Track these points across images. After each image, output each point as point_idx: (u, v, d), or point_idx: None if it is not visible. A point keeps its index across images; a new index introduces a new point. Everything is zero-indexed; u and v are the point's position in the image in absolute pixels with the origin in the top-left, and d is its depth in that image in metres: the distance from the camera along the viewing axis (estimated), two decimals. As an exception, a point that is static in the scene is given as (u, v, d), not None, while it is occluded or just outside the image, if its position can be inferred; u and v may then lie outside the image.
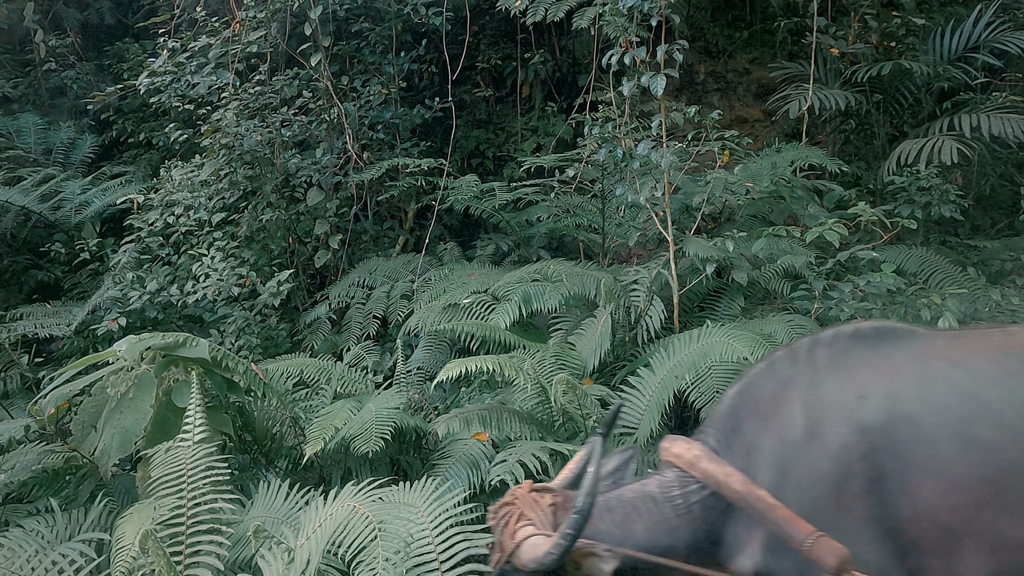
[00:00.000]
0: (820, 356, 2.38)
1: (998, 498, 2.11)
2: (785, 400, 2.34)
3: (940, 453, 2.15)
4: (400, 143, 6.88)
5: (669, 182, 4.72)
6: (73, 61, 8.60)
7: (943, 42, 6.29)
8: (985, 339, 2.37)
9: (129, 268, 5.89)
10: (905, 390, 2.24)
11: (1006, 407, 2.17)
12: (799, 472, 2.27)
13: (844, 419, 2.23)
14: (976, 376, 2.23)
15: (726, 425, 2.46)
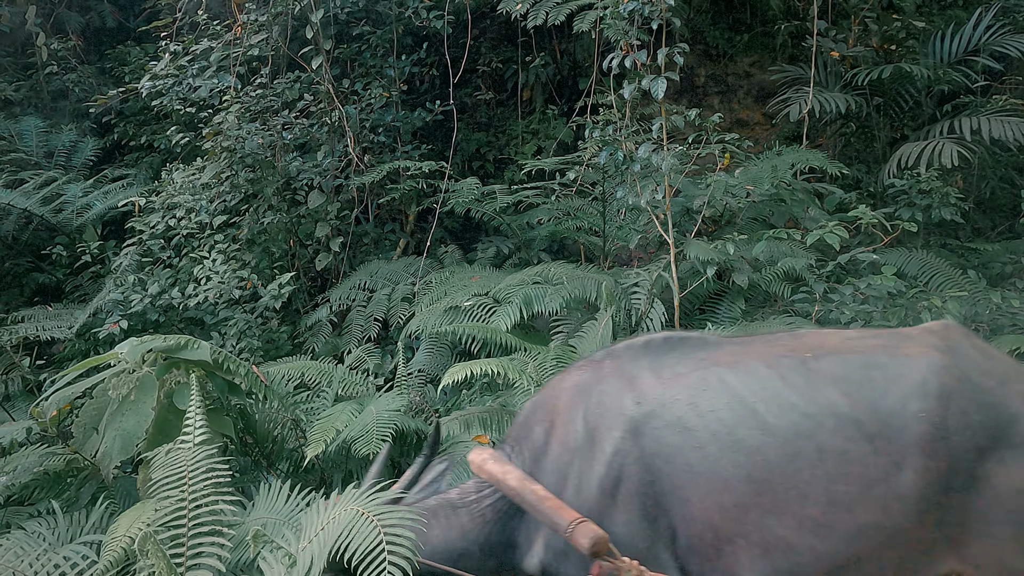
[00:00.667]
0: (608, 366, 2.50)
1: (762, 498, 2.19)
2: (571, 408, 2.46)
3: (708, 456, 2.24)
4: (401, 146, 6.89)
5: (670, 185, 4.72)
6: (75, 64, 8.62)
7: (943, 45, 6.31)
8: (770, 344, 2.47)
9: (130, 271, 5.90)
10: (680, 396, 2.34)
11: (769, 409, 2.26)
12: (578, 475, 2.37)
13: (620, 425, 2.34)
14: (747, 380, 2.33)
15: (520, 433, 2.60)
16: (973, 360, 2.31)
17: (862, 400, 2.22)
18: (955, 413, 2.18)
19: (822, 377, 2.28)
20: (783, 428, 2.22)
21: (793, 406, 2.24)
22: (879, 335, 2.46)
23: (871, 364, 2.28)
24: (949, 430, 2.17)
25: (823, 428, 2.20)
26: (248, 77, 6.61)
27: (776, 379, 2.31)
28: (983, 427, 2.20)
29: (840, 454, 2.17)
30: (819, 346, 2.39)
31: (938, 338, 2.36)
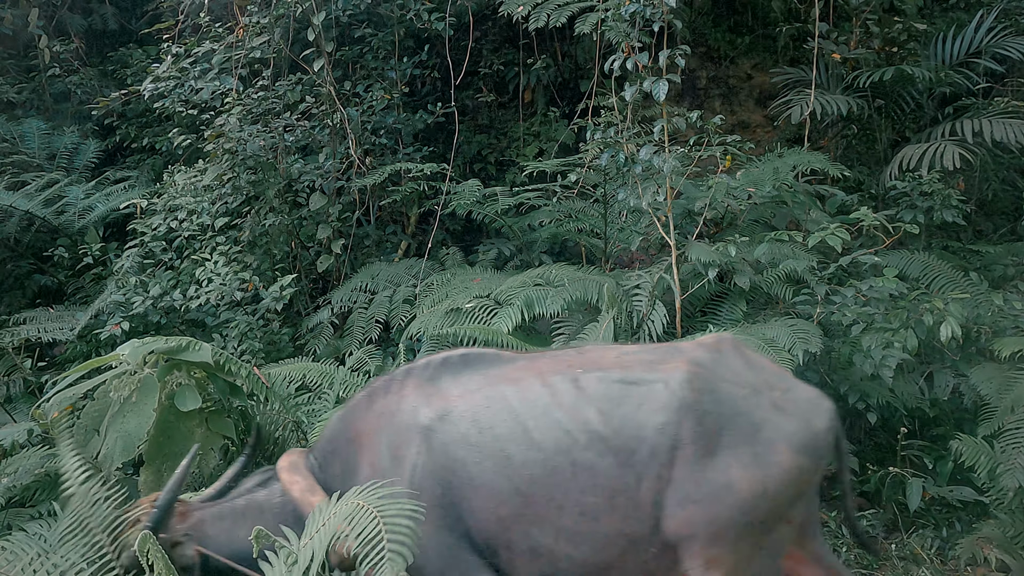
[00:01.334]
0: (409, 384, 2.64)
1: (528, 509, 2.37)
2: (377, 431, 2.61)
3: (486, 470, 2.42)
4: (403, 148, 6.90)
5: (671, 187, 4.72)
6: (77, 66, 8.64)
7: (945, 47, 6.30)
8: (555, 360, 2.62)
9: (132, 273, 5.90)
10: (466, 413, 2.51)
11: (537, 426, 2.43)
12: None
13: (416, 441, 2.50)
14: (523, 397, 2.50)
15: (327, 447, 2.75)
16: (732, 370, 2.47)
17: (615, 416, 2.39)
18: (691, 424, 2.33)
19: (586, 394, 2.45)
20: (547, 444, 2.40)
21: (557, 423, 2.42)
22: (656, 350, 2.61)
23: (631, 380, 2.45)
24: (684, 441, 2.32)
25: (577, 444, 2.37)
26: (250, 79, 6.62)
27: (547, 396, 2.48)
28: (717, 435, 2.34)
29: (589, 468, 2.35)
30: (593, 363, 2.55)
31: (705, 350, 2.52)
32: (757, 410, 2.39)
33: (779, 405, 2.42)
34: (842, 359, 4.53)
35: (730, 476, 2.30)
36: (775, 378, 2.51)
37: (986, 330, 4.58)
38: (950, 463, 4.25)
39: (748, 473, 2.30)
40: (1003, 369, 4.30)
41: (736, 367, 2.49)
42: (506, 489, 2.38)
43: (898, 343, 4.21)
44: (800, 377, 4.19)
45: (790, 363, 3.77)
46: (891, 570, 3.92)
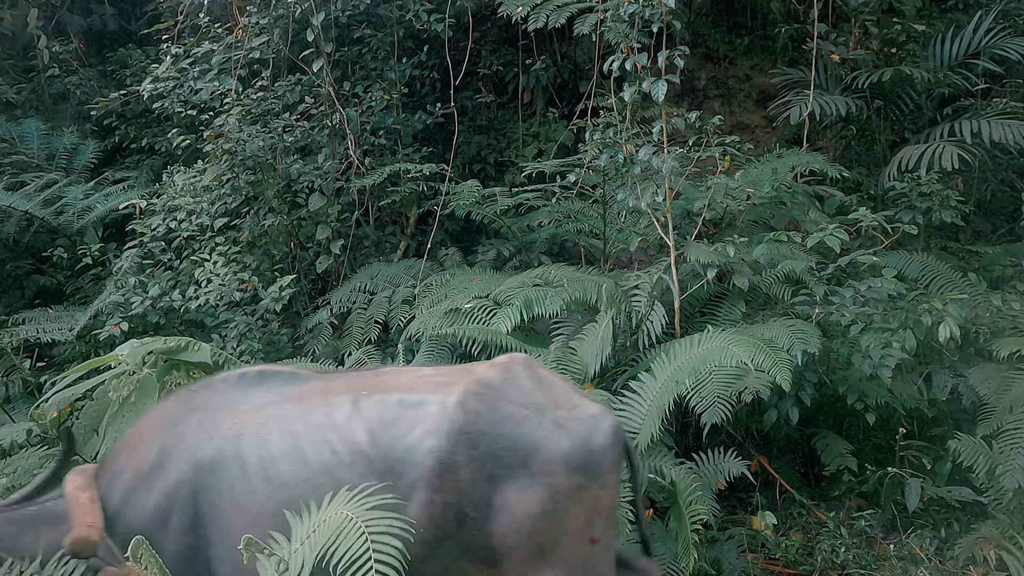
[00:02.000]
0: (199, 397, 2.63)
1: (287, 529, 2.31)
2: (153, 436, 2.59)
3: (252, 490, 2.41)
4: (402, 148, 6.90)
5: (670, 187, 4.73)
6: (76, 67, 8.63)
7: (943, 48, 6.31)
8: (349, 381, 2.62)
9: (131, 273, 5.90)
10: (247, 430, 2.49)
11: (309, 446, 2.43)
12: (139, 501, 2.50)
13: (187, 457, 2.48)
14: (305, 417, 2.49)
15: (111, 456, 2.73)
16: (519, 390, 2.48)
17: (384, 438, 2.39)
18: (464, 447, 2.34)
19: (361, 415, 2.45)
20: (314, 464, 2.40)
21: (327, 443, 2.42)
22: (448, 372, 2.62)
23: (409, 403, 2.45)
24: (457, 464, 2.33)
25: (342, 464, 2.38)
26: (249, 80, 6.62)
27: (324, 417, 2.47)
28: (497, 458, 2.34)
29: (353, 489, 2.33)
30: (383, 385, 2.55)
31: (496, 370, 2.54)
32: (537, 430, 2.40)
33: (560, 424, 2.43)
34: (841, 359, 4.54)
35: (507, 498, 2.32)
36: (562, 397, 2.53)
37: (984, 330, 4.58)
38: (948, 463, 4.26)
39: (524, 495, 2.33)
40: (1001, 369, 4.31)
41: (524, 386, 2.50)
42: (265, 509, 2.37)
43: (897, 343, 4.21)
44: (798, 377, 4.23)
45: (789, 363, 3.77)
46: (890, 570, 3.92)
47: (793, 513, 4.51)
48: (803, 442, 4.77)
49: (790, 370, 3.72)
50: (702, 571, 3.72)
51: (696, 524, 3.41)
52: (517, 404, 2.44)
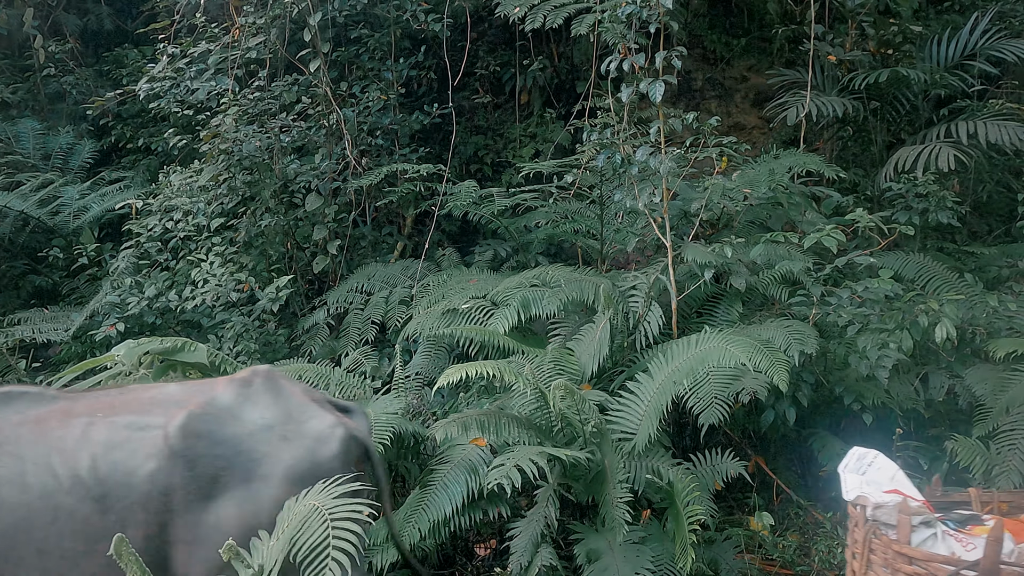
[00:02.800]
0: None
1: (11, 552, 2.36)
2: None
3: None
4: (399, 149, 6.89)
5: (667, 188, 4.73)
6: (72, 67, 8.61)
7: (940, 50, 6.32)
8: (94, 401, 2.62)
9: (127, 273, 5.88)
10: None
11: (35, 469, 2.44)
12: None
13: None
14: (37, 440, 2.49)
15: None
16: (253, 406, 2.53)
17: (105, 462, 2.42)
18: (181, 470, 2.39)
19: (88, 439, 2.47)
20: (36, 488, 2.41)
21: (50, 467, 2.43)
22: (189, 390, 2.65)
23: (137, 426, 2.49)
24: (173, 487, 2.38)
25: (62, 489, 2.39)
26: (246, 80, 6.60)
27: (56, 440, 2.49)
28: (215, 479, 2.39)
29: (70, 514, 2.37)
30: (123, 405, 2.57)
31: (234, 386, 2.58)
32: (261, 445, 2.45)
33: (287, 437, 2.48)
34: (838, 360, 4.54)
35: (220, 515, 2.36)
36: (297, 410, 2.57)
37: (981, 331, 4.59)
38: (945, 464, 4.26)
39: (240, 510, 2.37)
40: (998, 370, 4.32)
41: (260, 401, 2.55)
42: None
43: (893, 344, 4.22)
44: (796, 378, 4.23)
45: (786, 364, 3.77)
46: (886, 571, 3.92)
47: (790, 513, 4.51)
48: (800, 442, 4.77)
49: (787, 371, 3.72)
50: (699, 572, 3.71)
51: (693, 525, 3.41)
52: (246, 420, 2.50)
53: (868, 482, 2.65)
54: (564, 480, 3.85)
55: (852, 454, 2.76)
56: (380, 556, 3.57)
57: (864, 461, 2.72)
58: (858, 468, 2.70)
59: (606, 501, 3.56)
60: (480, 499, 3.84)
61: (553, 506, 3.73)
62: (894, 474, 2.67)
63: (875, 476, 2.66)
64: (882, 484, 2.63)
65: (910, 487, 2.64)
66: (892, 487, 2.63)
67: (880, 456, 2.73)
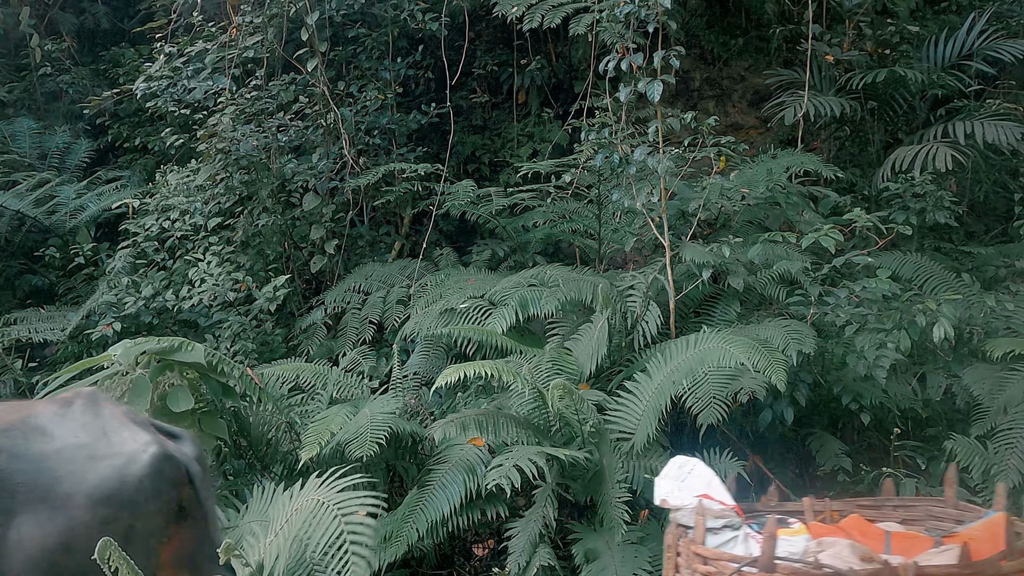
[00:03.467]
0: None
1: None
2: None
3: None
4: (396, 148, 6.88)
5: (665, 188, 4.73)
6: (69, 66, 8.59)
7: (937, 50, 6.33)
8: None
9: (124, 273, 5.87)
10: None
11: None
12: None
13: None
14: None
15: None
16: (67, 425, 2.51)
17: None
18: None
19: None
20: None
21: None
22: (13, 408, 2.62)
23: None
24: None
25: None
26: (243, 79, 6.59)
27: None
28: (13, 494, 2.37)
29: None
30: None
31: (54, 406, 2.57)
32: (64, 465, 2.43)
33: (95, 457, 2.46)
34: (836, 360, 4.54)
35: (22, 534, 2.34)
36: (113, 430, 2.55)
37: (978, 331, 4.60)
38: (943, 463, 4.26)
39: (41, 530, 2.35)
40: (995, 370, 4.32)
41: (76, 421, 2.53)
42: None
43: (891, 344, 4.22)
44: (793, 378, 4.23)
45: (784, 364, 3.77)
46: (884, 570, 3.92)
47: (788, 513, 4.51)
48: (798, 442, 4.77)
49: (785, 370, 3.72)
50: (697, 571, 3.71)
51: (692, 524, 3.40)
52: (55, 438, 2.48)
53: (682, 488, 2.76)
54: (562, 480, 3.84)
55: (673, 462, 2.88)
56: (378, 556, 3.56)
57: (684, 468, 2.83)
58: (678, 476, 2.81)
59: (604, 501, 3.56)
60: (478, 499, 3.84)
61: (551, 506, 3.73)
62: (710, 480, 2.78)
63: (693, 483, 2.78)
64: (698, 490, 2.74)
65: (722, 493, 2.75)
66: (706, 493, 2.73)
67: (699, 464, 2.85)
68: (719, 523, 2.63)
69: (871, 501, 2.99)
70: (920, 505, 3.06)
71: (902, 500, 2.98)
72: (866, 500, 3.05)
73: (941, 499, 3.06)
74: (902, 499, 2.99)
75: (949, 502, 3.00)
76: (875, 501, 2.96)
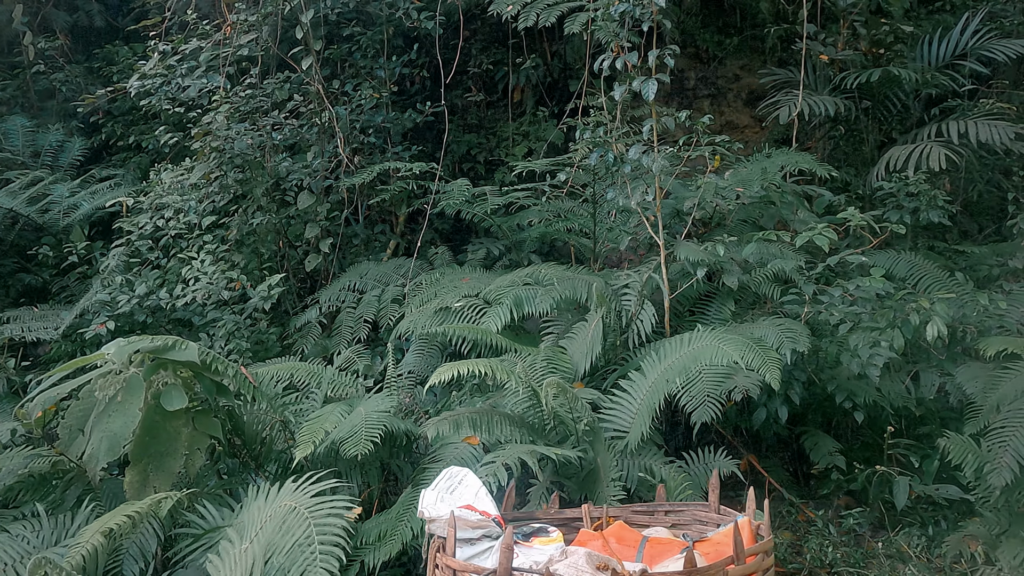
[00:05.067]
0: None
1: None
2: None
3: None
4: (391, 147, 6.87)
5: (660, 187, 4.73)
6: (62, 63, 8.55)
7: (931, 49, 6.35)
8: None
9: (118, 271, 5.85)
10: None
11: None
12: None
13: None
14: None
15: None
16: None
17: None
18: None
19: None
20: None
21: None
22: None
23: None
24: None
25: None
26: (237, 77, 6.58)
27: None
28: None
29: None
30: None
31: None
32: None
33: None
34: (830, 358, 4.55)
35: None
36: None
37: (971, 329, 4.61)
38: (936, 461, 4.28)
39: None
40: (988, 368, 4.33)
41: None
42: None
43: (885, 342, 4.23)
44: (787, 376, 4.24)
45: (778, 362, 3.78)
46: (878, 568, 3.94)
47: (782, 511, 4.52)
48: (792, 441, 4.79)
49: (779, 369, 3.73)
50: (692, 570, 3.71)
51: (686, 523, 3.41)
52: None
53: (446, 500, 2.77)
54: (556, 478, 3.84)
55: (444, 473, 2.91)
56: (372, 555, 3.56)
57: (455, 479, 2.86)
58: (448, 487, 2.83)
59: (599, 499, 3.56)
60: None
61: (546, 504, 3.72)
62: (477, 491, 2.82)
63: (462, 492, 2.82)
64: (463, 501, 2.77)
65: (488, 503, 2.78)
66: (471, 504, 2.76)
67: (469, 475, 2.89)
68: (476, 534, 2.66)
69: (645, 507, 3.10)
70: (687, 510, 3.23)
71: (672, 506, 3.09)
72: (640, 506, 3.17)
73: (706, 504, 3.21)
74: (672, 504, 3.10)
75: (712, 507, 3.16)
76: (649, 507, 3.07)
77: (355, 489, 3.90)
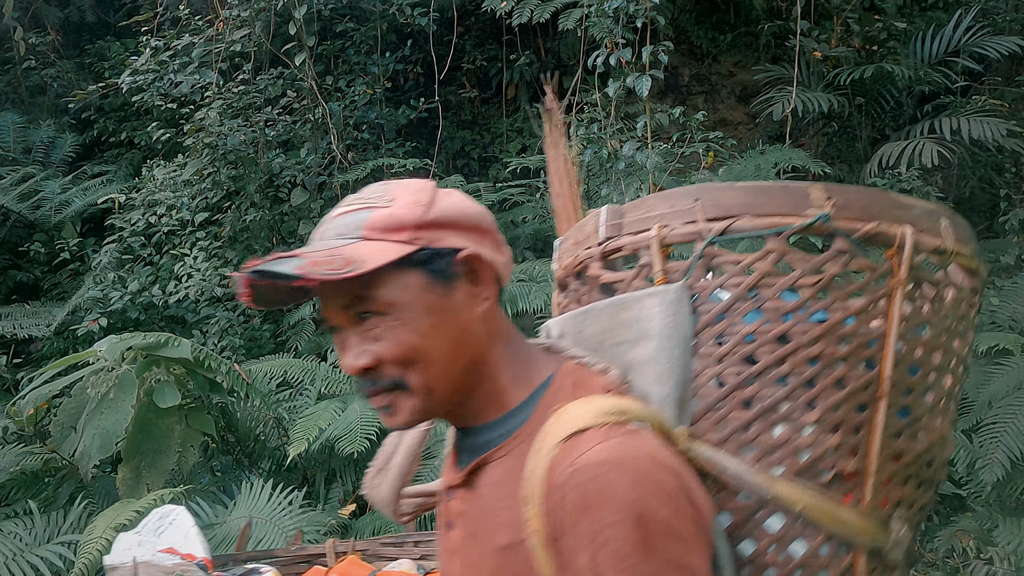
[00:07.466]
0: None
1: None
2: None
3: None
4: (385, 143, 6.86)
5: (654, 183, 4.73)
6: (53, 59, 8.50)
7: (924, 46, 6.36)
8: None
9: (110, 268, 5.82)
10: None
11: None
12: None
13: None
14: None
15: None
16: None
17: None
18: None
19: None
20: None
21: None
22: None
23: None
24: None
25: None
26: (230, 73, 6.54)
27: None
28: None
29: None
30: None
31: None
32: None
33: None
34: (823, 355, 4.56)
35: None
36: None
37: None
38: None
39: None
40: (980, 364, 4.35)
41: None
42: None
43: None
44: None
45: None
46: (870, 563, 3.95)
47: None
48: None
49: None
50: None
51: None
52: None
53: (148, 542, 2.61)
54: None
55: (153, 513, 2.75)
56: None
57: (166, 519, 2.70)
58: (157, 528, 2.66)
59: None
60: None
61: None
62: (187, 531, 2.66)
63: (172, 534, 2.65)
64: (170, 543, 2.60)
65: (196, 544, 2.61)
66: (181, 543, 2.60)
67: (182, 513, 2.73)
68: None
69: (395, 538, 3.00)
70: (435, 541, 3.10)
71: (422, 535, 2.99)
72: (390, 537, 3.06)
73: None
74: (421, 534, 3.01)
75: None
76: (399, 538, 2.98)
77: (350, 486, 3.89)
